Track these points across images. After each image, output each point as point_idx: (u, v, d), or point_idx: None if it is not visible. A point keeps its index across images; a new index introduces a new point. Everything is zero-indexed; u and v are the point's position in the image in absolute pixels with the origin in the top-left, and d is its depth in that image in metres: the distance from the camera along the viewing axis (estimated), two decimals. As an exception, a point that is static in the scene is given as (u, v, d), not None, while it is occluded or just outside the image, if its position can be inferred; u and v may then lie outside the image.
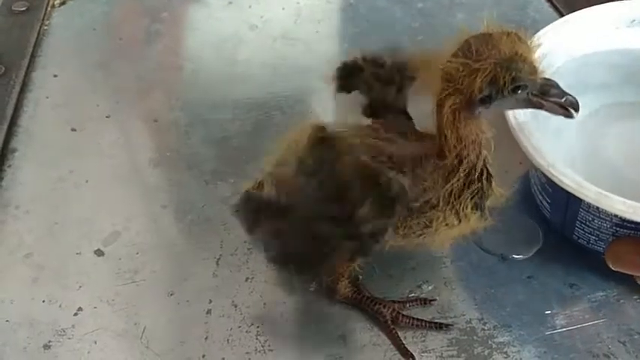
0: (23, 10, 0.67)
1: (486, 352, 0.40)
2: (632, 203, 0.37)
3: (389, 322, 0.40)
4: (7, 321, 0.41)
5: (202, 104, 0.57)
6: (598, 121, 0.50)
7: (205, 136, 0.54)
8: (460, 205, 0.36)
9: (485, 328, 0.41)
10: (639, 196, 0.38)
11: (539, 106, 0.35)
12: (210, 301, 0.42)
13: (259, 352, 0.40)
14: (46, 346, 0.40)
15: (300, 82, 0.60)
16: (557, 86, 0.35)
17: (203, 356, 0.40)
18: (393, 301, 0.41)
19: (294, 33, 0.66)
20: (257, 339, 0.40)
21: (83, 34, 0.66)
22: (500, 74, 0.33)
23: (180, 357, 0.40)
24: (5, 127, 0.54)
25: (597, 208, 0.39)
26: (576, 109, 0.35)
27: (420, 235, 0.38)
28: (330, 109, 0.57)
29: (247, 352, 0.40)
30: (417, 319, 0.41)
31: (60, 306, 0.42)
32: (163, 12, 0.68)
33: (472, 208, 0.37)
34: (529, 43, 0.34)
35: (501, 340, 0.40)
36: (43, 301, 0.42)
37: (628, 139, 0.49)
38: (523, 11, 0.68)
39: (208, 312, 0.42)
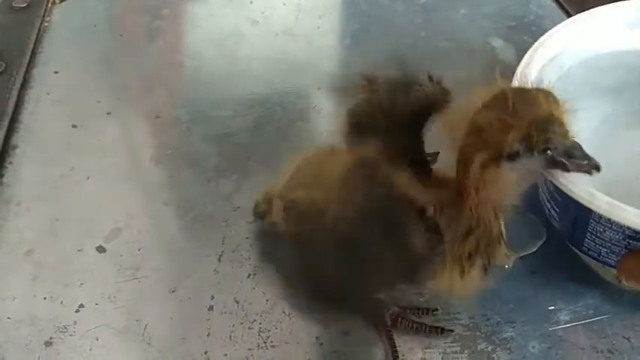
0: (24, 7, 0.67)
1: (490, 349, 0.40)
2: None
3: (388, 323, 0.40)
4: (8, 318, 0.41)
5: (204, 101, 0.57)
6: (610, 128, 0.48)
7: (207, 132, 0.54)
8: (468, 265, 0.36)
9: (489, 324, 0.41)
10: None
11: (563, 169, 0.35)
12: (212, 298, 0.42)
13: (262, 348, 0.40)
14: (48, 343, 0.40)
15: (301, 77, 0.60)
16: (580, 149, 0.35)
17: (205, 353, 0.39)
18: (395, 305, 0.40)
19: (295, 29, 0.66)
20: (259, 335, 0.40)
21: (84, 31, 0.65)
22: (535, 133, 0.33)
23: (182, 354, 0.39)
24: (6, 123, 0.54)
25: (609, 219, 0.37)
26: (598, 171, 0.36)
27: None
28: (330, 105, 0.57)
29: (250, 349, 0.40)
30: (417, 323, 0.40)
31: (61, 303, 0.42)
32: (164, 9, 0.68)
33: (479, 270, 0.37)
34: (563, 104, 0.35)
35: (505, 336, 0.40)
36: (45, 298, 0.42)
37: None
38: (525, 6, 0.67)
39: (210, 309, 0.42)
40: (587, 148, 0.36)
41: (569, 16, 0.66)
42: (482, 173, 0.34)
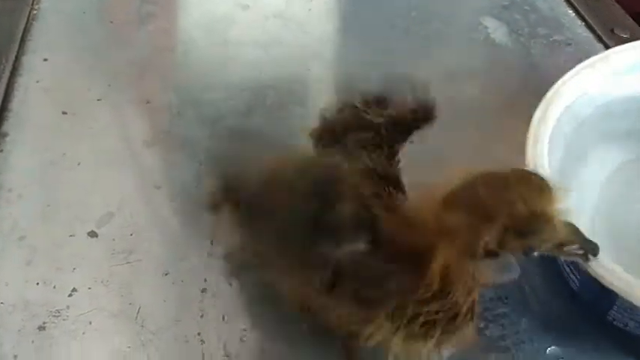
0: (12, -5, 0.66)
1: (482, 325, 0.40)
2: None
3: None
4: (1, 303, 0.41)
5: (195, 85, 0.57)
6: (624, 178, 0.46)
7: (198, 116, 0.54)
8: (420, 334, 0.30)
9: (481, 300, 0.40)
10: None
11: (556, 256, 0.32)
12: (205, 280, 0.42)
13: (255, 329, 0.40)
14: (41, 328, 0.40)
15: (292, 61, 0.59)
16: (576, 233, 0.30)
17: (198, 334, 0.39)
18: None
19: (286, 12, 0.65)
20: (252, 317, 0.40)
21: (73, 18, 0.65)
22: (511, 239, 0.28)
23: (175, 336, 0.39)
24: (-4, 111, 0.54)
25: None
26: (595, 255, 0.32)
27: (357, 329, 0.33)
28: (321, 88, 0.57)
29: (243, 330, 0.40)
30: None
31: (54, 287, 0.42)
32: (154, -6, 0.68)
33: (431, 342, 0.31)
34: (550, 187, 0.28)
35: (498, 312, 0.40)
36: (37, 283, 0.42)
37: None
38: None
39: (203, 291, 0.42)
40: (603, 197, 0.34)
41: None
42: (450, 266, 0.29)
